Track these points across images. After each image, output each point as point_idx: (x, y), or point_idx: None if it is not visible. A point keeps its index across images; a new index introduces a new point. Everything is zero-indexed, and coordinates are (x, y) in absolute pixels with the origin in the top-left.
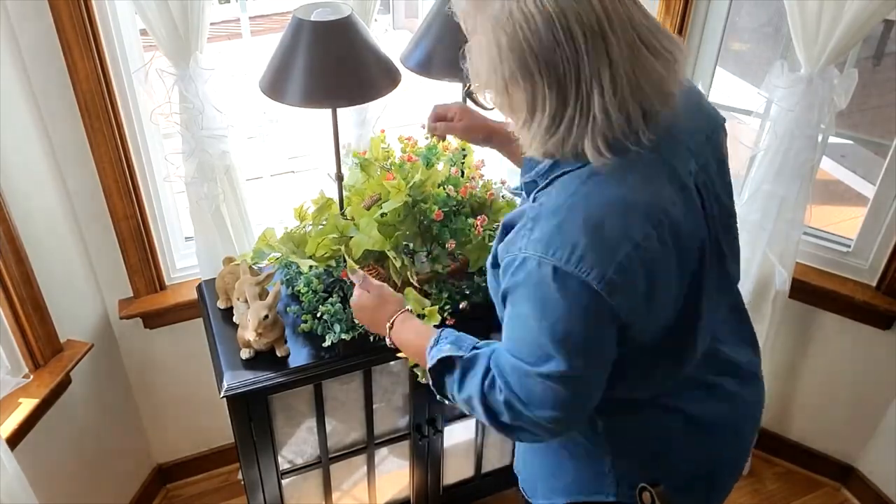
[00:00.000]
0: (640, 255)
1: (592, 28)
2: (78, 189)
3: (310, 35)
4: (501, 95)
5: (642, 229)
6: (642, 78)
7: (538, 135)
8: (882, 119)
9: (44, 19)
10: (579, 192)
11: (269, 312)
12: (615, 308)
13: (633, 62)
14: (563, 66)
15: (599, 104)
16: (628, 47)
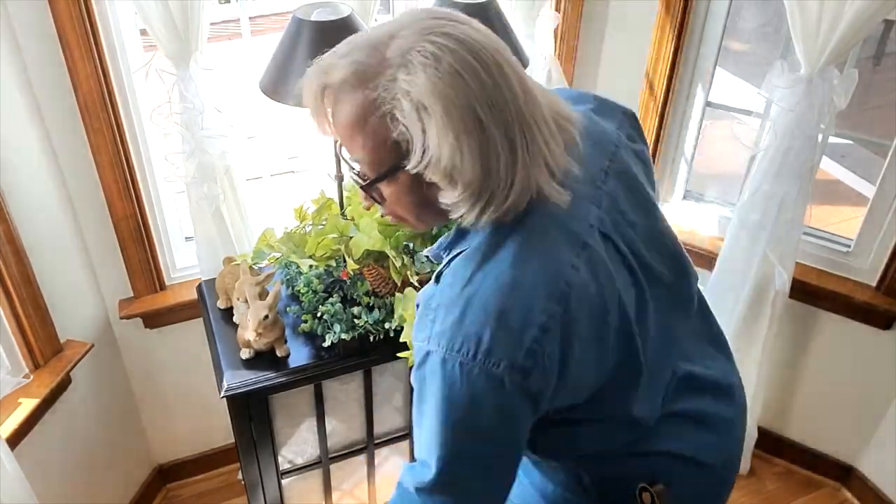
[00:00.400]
0: (549, 336)
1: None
2: (78, 189)
3: (310, 35)
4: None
5: (546, 309)
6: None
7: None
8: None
9: (44, 19)
10: (475, 280)
11: (269, 312)
12: (530, 394)
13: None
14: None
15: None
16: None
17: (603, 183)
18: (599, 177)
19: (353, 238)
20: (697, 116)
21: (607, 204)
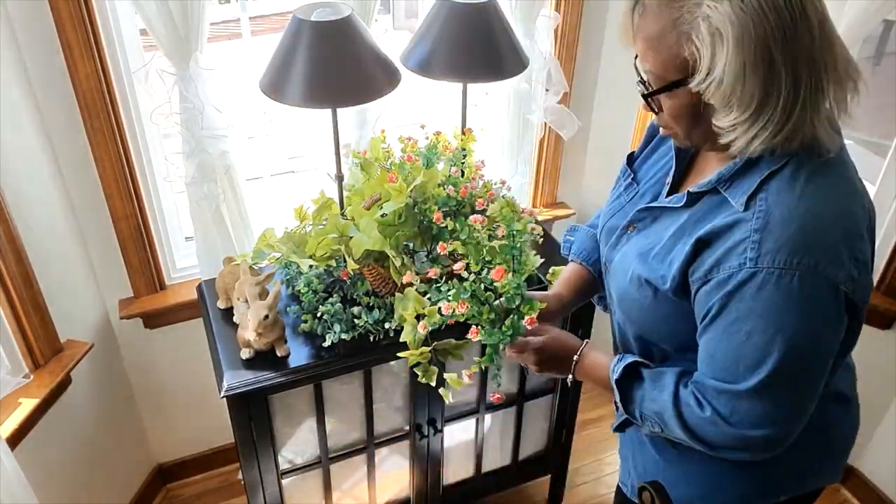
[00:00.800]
0: (865, 245)
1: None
2: (78, 189)
3: (310, 35)
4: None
5: (864, 222)
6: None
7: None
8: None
9: (44, 19)
10: (808, 195)
11: (269, 312)
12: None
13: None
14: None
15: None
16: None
17: None
18: None
19: (354, 238)
20: None
21: None
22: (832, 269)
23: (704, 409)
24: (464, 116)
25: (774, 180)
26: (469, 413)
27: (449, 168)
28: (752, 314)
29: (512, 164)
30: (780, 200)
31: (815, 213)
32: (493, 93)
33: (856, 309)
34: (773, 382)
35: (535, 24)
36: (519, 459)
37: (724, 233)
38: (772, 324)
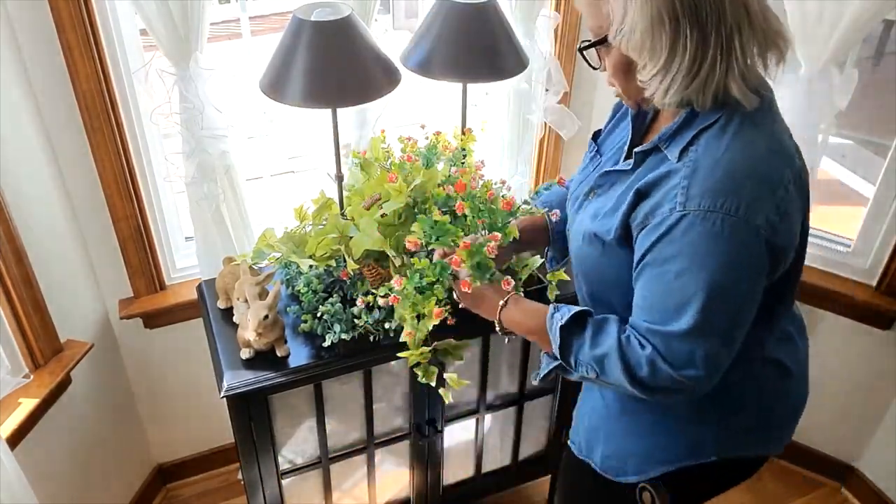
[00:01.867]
0: (789, 196)
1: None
2: (78, 189)
3: (310, 35)
4: (643, 37)
5: (786, 173)
6: (772, 23)
7: (678, 79)
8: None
9: (44, 20)
10: (733, 146)
11: (269, 312)
12: (774, 248)
13: (766, 18)
14: (706, 9)
15: (739, 46)
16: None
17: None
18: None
19: (354, 238)
20: None
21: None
22: (752, 213)
23: (645, 349)
24: (464, 116)
25: (705, 134)
26: (469, 413)
27: (449, 168)
28: (679, 255)
29: (512, 164)
30: (707, 151)
31: (738, 161)
32: (493, 93)
33: (778, 254)
34: (701, 321)
35: (535, 24)
36: (519, 459)
37: (660, 182)
38: (696, 264)
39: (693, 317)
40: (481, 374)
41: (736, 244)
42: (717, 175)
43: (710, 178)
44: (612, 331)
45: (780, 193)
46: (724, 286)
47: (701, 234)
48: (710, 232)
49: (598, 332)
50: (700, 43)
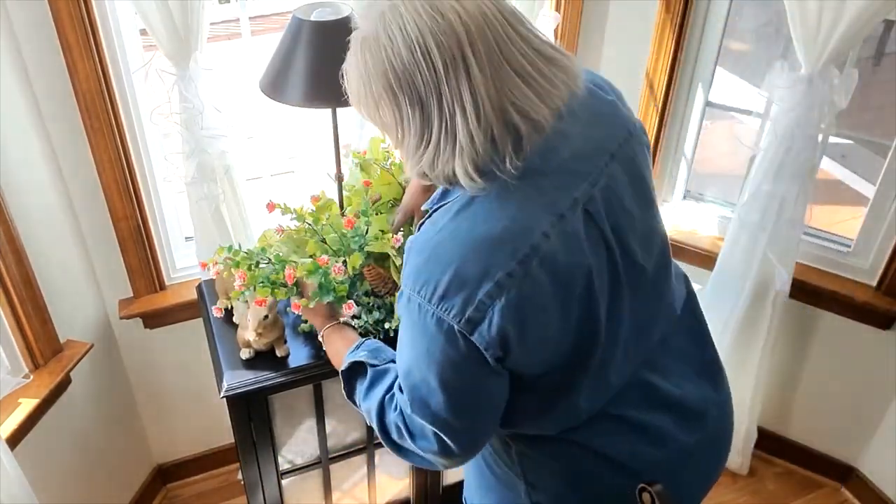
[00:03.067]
0: (503, 294)
1: (451, 51)
2: (78, 189)
3: (310, 35)
4: (373, 114)
5: (505, 266)
6: (507, 101)
7: (409, 155)
8: (882, 119)
9: (44, 19)
10: (446, 229)
11: (268, 312)
12: (479, 347)
13: (498, 86)
14: (423, 88)
15: (463, 127)
16: (493, 70)
17: (607, 163)
18: (603, 157)
19: None
20: (697, 116)
21: (603, 185)
22: (444, 305)
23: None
24: None
25: (439, 211)
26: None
27: None
28: (401, 330)
29: None
30: (425, 230)
31: (444, 245)
32: None
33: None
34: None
35: (535, 24)
36: None
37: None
38: (406, 344)
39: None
40: None
41: (434, 332)
42: (420, 259)
43: (415, 261)
44: (384, 386)
45: (485, 288)
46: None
47: (407, 315)
48: (411, 317)
49: (372, 386)
50: (424, 122)
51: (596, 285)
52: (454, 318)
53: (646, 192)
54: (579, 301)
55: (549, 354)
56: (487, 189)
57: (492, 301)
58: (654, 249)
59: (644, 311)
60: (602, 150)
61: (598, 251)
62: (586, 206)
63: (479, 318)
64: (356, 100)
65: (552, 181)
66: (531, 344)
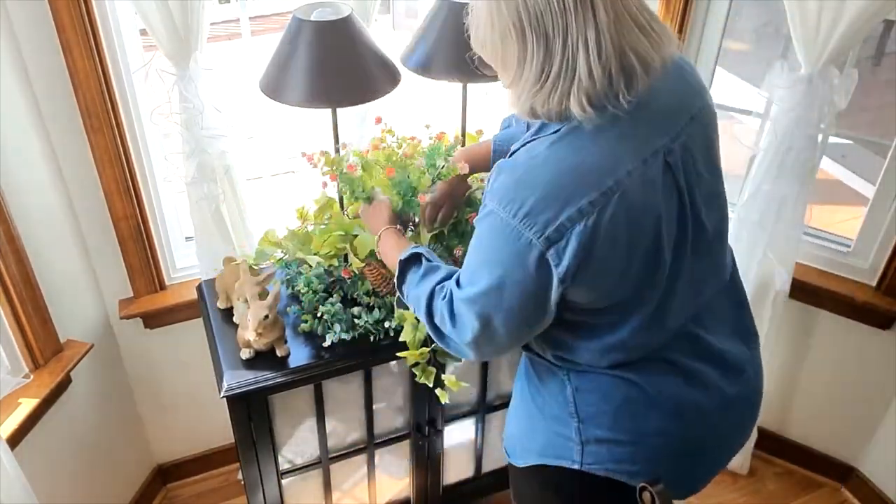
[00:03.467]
0: (583, 219)
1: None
2: (78, 189)
3: (310, 35)
4: (495, 48)
5: (589, 195)
6: (626, 44)
7: (525, 90)
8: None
9: (44, 19)
10: (540, 156)
11: (269, 312)
12: (551, 264)
13: (619, 29)
14: (552, 24)
15: (584, 63)
16: (615, 14)
17: (687, 123)
18: (685, 116)
19: (359, 236)
20: None
21: (682, 142)
22: (528, 223)
23: (445, 299)
24: (464, 117)
25: (535, 140)
26: (469, 413)
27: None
28: (475, 240)
29: None
30: (520, 154)
31: (536, 170)
32: (492, 93)
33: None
34: (473, 302)
35: None
36: None
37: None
38: (477, 249)
39: (469, 293)
40: (481, 373)
41: (509, 249)
42: (510, 179)
43: (506, 180)
44: (434, 278)
45: (567, 212)
46: (496, 281)
47: (487, 228)
48: (491, 229)
49: (425, 275)
50: (547, 57)
51: (664, 231)
52: (535, 234)
53: (714, 158)
54: (646, 241)
55: (611, 286)
56: (596, 121)
57: (572, 224)
58: (715, 213)
59: (700, 268)
60: (684, 111)
61: (671, 200)
62: (667, 158)
63: (557, 238)
64: (480, 38)
65: (641, 129)
66: (597, 272)
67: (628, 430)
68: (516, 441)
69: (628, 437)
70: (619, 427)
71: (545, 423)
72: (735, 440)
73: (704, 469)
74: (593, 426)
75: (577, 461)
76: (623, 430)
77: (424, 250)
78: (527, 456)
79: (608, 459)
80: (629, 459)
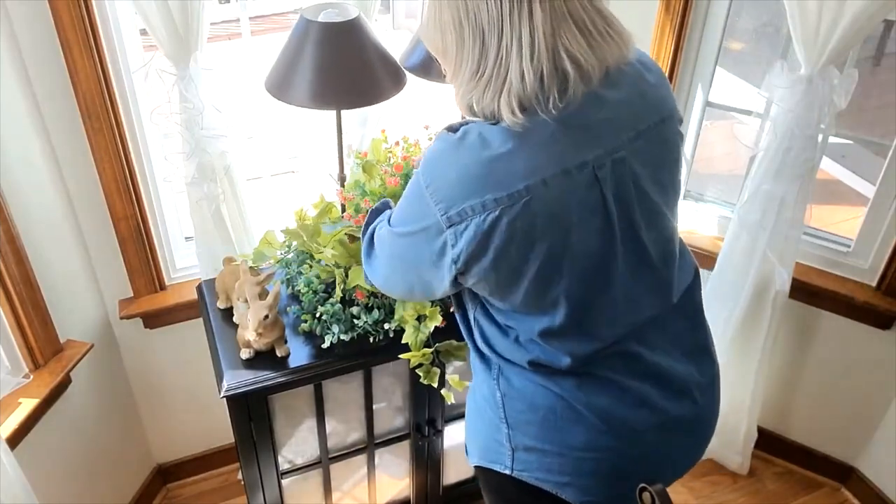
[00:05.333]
0: (485, 213)
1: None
2: (78, 189)
3: (317, 36)
4: (436, 42)
5: (494, 192)
6: (560, 45)
7: (462, 85)
8: (882, 119)
9: (44, 19)
10: (468, 139)
11: (269, 312)
12: (448, 245)
13: (555, 27)
14: (487, 19)
15: (516, 64)
16: (553, 14)
17: (631, 139)
18: (629, 132)
19: (353, 269)
20: (697, 116)
21: (620, 157)
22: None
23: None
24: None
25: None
26: None
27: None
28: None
29: None
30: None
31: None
32: None
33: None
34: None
35: None
36: None
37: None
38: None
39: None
40: None
41: (419, 211)
42: (440, 150)
43: (436, 151)
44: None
45: (471, 202)
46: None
47: (411, 185)
48: (412, 189)
49: (379, 211)
50: (482, 54)
51: (576, 247)
52: (439, 210)
53: (665, 177)
54: (544, 253)
55: (504, 286)
56: (525, 125)
57: (473, 213)
58: (658, 234)
59: (638, 284)
60: (629, 126)
61: (593, 216)
62: (596, 171)
63: (458, 221)
64: (425, 31)
65: (570, 138)
66: (489, 268)
67: (554, 441)
68: (468, 440)
69: (555, 449)
70: (544, 437)
71: (483, 426)
72: (681, 463)
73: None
74: (521, 434)
75: (509, 466)
76: (549, 440)
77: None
78: (472, 456)
79: (537, 468)
80: (557, 470)
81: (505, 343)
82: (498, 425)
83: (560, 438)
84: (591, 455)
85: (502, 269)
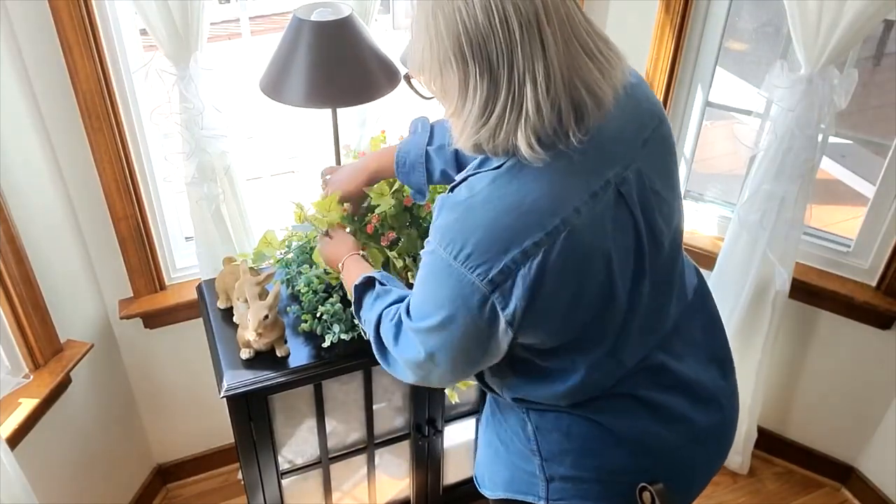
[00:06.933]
0: (528, 261)
1: (529, 19)
2: (78, 189)
3: (310, 35)
4: (435, 78)
5: (532, 236)
6: (576, 77)
7: (469, 124)
8: (882, 119)
9: (44, 19)
10: (481, 193)
11: (269, 312)
12: (497, 307)
13: (568, 60)
14: (496, 54)
15: (532, 98)
16: (564, 44)
17: (640, 147)
18: (638, 141)
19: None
20: (697, 116)
21: (636, 167)
22: (469, 264)
23: (393, 320)
24: None
25: (477, 174)
26: (469, 413)
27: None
28: (422, 272)
29: None
30: (461, 191)
31: (478, 208)
32: None
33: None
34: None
35: None
36: None
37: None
38: (425, 286)
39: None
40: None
41: (453, 290)
42: (452, 217)
43: (447, 218)
44: (386, 300)
45: (511, 254)
46: (441, 320)
47: (432, 263)
48: (434, 267)
49: (377, 297)
50: (491, 90)
51: (616, 267)
52: (478, 277)
53: (670, 175)
54: (598, 279)
55: (560, 325)
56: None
57: (517, 266)
58: (672, 228)
59: (660, 292)
60: (637, 136)
61: (625, 234)
62: (619, 188)
63: (502, 281)
64: (418, 63)
65: (590, 161)
66: (545, 313)
67: (593, 468)
68: (484, 471)
69: (594, 476)
70: (582, 465)
71: (510, 458)
72: (706, 472)
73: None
74: (556, 464)
75: (543, 497)
76: (587, 468)
77: (379, 275)
78: (494, 488)
79: (575, 496)
80: (594, 496)
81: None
82: (529, 457)
83: (598, 465)
84: (630, 477)
85: (559, 310)
